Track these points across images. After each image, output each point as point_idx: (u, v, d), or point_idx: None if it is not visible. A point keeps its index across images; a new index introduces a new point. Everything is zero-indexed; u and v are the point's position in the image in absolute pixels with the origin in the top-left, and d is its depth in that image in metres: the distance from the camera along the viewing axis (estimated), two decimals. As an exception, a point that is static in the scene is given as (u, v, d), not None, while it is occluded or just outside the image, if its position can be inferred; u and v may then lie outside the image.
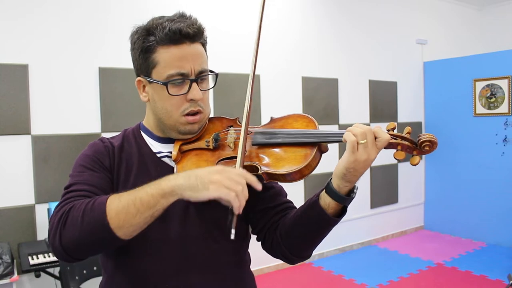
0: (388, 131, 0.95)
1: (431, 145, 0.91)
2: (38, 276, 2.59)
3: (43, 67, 3.03)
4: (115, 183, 1.06)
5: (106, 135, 1.65)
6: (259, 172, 0.99)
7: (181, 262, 1.03)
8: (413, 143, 0.94)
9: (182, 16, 1.04)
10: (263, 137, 1.04)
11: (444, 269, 4.23)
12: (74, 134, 3.16)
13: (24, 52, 2.97)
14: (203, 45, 1.07)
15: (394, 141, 0.93)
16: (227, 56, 3.81)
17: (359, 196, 0.98)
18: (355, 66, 4.89)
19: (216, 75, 1.10)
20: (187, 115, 1.04)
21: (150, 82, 1.05)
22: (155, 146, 1.12)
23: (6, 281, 2.48)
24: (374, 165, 0.93)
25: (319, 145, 0.99)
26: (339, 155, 4.47)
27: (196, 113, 1.05)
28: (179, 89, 1.03)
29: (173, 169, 1.06)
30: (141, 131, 1.15)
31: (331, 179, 0.97)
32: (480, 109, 5.03)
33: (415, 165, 0.92)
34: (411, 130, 0.94)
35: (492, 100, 4.92)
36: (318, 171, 1.09)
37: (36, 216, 3.00)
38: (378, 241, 5.20)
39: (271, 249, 1.11)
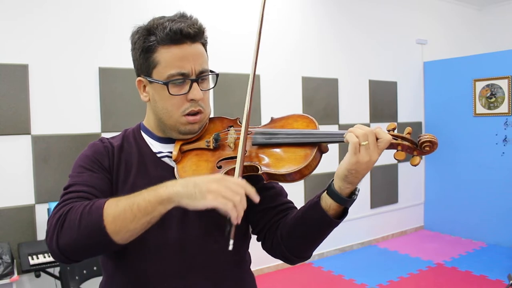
0: (389, 131, 0.95)
1: (432, 145, 0.91)
2: (38, 276, 2.59)
3: (43, 67, 3.03)
4: (114, 183, 1.06)
5: (106, 135, 1.65)
6: (259, 172, 0.99)
7: (181, 262, 1.03)
8: (413, 143, 0.94)
9: (182, 16, 1.04)
10: (263, 137, 1.04)
11: (444, 269, 4.22)
12: (74, 134, 3.16)
13: (24, 52, 2.96)
14: (204, 45, 1.07)
15: (394, 141, 0.93)
16: (227, 56, 3.81)
17: (359, 196, 0.98)
18: (355, 66, 4.89)
19: (217, 75, 1.10)
20: (188, 115, 1.05)
21: (150, 82, 1.05)
22: (155, 146, 1.12)
23: (6, 281, 2.48)
24: (374, 165, 0.93)
25: (319, 146, 0.99)
26: (339, 155, 4.47)
27: (197, 113, 1.05)
28: (179, 89, 1.03)
29: (173, 169, 1.06)
30: (141, 131, 1.15)
31: (333, 180, 0.96)
32: (480, 109, 5.03)
33: (415, 165, 0.92)
34: (411, 131, 0.94)
35: (492, 100, 4.92)
36: (318, 171, 1.09)
37: (36, 216, 3.00)
38: (378, 241, 5.19)
39: (271, 249, 1.11)
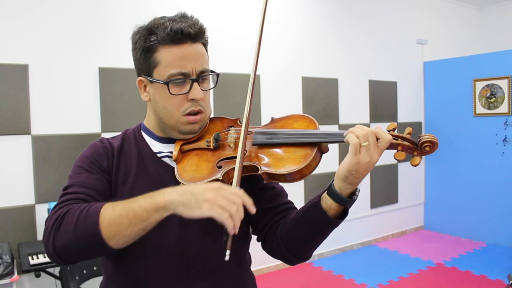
0: (389, 131, 0.95)
1: (432, 145, 0.91)
2: (38, 276, 2.59)
3: (43, 67, 3.03)
4: (113, 184, 1.06)
5: (106, 135, 1.65)
6: (259, 172, 0.99)
7: (180, 263, 1.03)
8: (413, 143, 0.94)
9: (183, 17, 1.05)
10: (263, 137, 1.04)
11: (444, 269, 4.22)
12: (74, 134, 3.16)
13: (24, 52, 2.96)
14: (204, 45, 1.08)
15: (394, 141, 0.93)
16: (227, 56, 3.81)
17: (359, 196, 0.98)
18: (355, 66, 4.89)
19: (217, 75, 1.10)
20: (188, 114, 1.05)
21: (151, 82, 1.05)
22: (155, 146, 1.12)
23: (6, 281, 2.48)
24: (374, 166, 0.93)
25: (319, 146, 0.99)
26: (339, 155, 4.47)
27: (197, 112, 1.05)
28: (180, 88, 1.03)
29: (173, 169, 1.06)
30: (142, 131, 1.15)
31: (333, 180, 0.96)
32: (480, 109, 5.03)
33: (415, 165, 0.92)
34: (411, 131, 0.94)
35: (492, 100, 4.92)
36: (318, 171, 1.09)
37: (36, 216, 3.00)
38: (378, 241, 5.19)
39: (271, 250, 1.11)
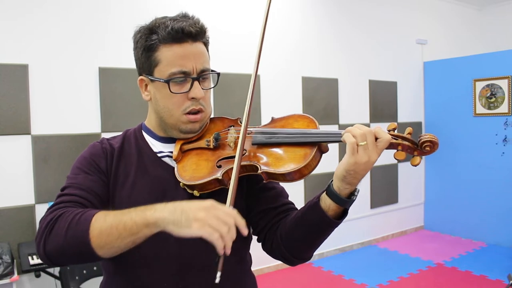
0: (389, 131, 0.94)
1: (432, 145, 0.91)
2: (38, 276, 2.59)
3: (43, 67, 3.03)
4: (112, 185, 1.06)
5: (106, 135, 1.65)
6: (259, 171, 0.99)
7: (180, 263, 1.03)
8: (414, 143, 0.93)
9: (185, 16, 1.05)
10: (263, 136, 1.04)
11: (444, 269, 4.22)
12: (74, 134, 3.16)
13: (24, 52, 2.96)
14: (205, 44, 1.08)
15: (394, 141, 0.92)
16: (227, 56, 3.81)
17: (359, 196, 0.97)
18: (355, 66, 4.89)
19: (218, 74, 1.10)
20: (189, 113, 1.05)
21: (152, 81, 1.06)
22: (156, 146, 1.12)
23: (6, 281, 2.48)
24: (374, 165, 0.92)
25: (319, 145, 0.99)
26: (339, 155, 4.47)
27: (198, 111, 1.06)
28: (180, 87, 1.03)
29: (173, 169, 1.07)
30: (143, 131, 1.15)
31: (332, 181, 0.96)
32: (480, 109, 5.03)
33: (415, 165, 0.91)
34: (412, 131, 0.94)
35: (492, 100, 4.91)
36: (318, 171, 1.09)
37: (36, 216, 3.00)
38: (378, 241, 5.19)
39: (271, 250, 1.11)
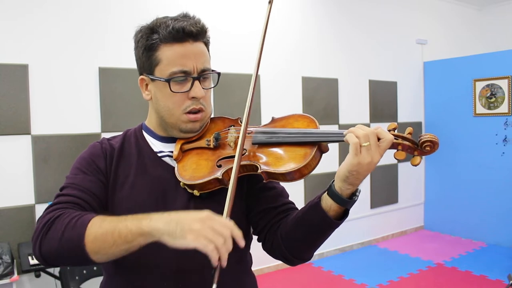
0: (389, 131, 0.94)
1: (432, 145, 0.91)
2: (38, 276, 2.59)
3: (43, 67, 3.03)
4: (112, 185, 1.06)
5: (106, 135, 1.65)
6: (258, 171, 0.99)
7: (180, 262, 1.03)
8: (414, 143, 0.93)
9: (185, 16, 1.05)
10: (263, 136, 1.04)
11: (444, 269, 4.22)
12: (74, 134, 3.16)
13: (24, 52, 2.96)
14: (206, 44, 1.08)
15: (395, 141, 0.93)
16: (227, 56, 3.81)
17: (359, 196, 0.97)
18: (355, 66, 4.89)
19: (218, 74, 1.10)
20: (189, 113, 1.05)
21: (152, 80, 1.06)
22: (156, 145, 1.12)
23: (6, 281, 2.47)
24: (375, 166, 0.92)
25: (319, 145, 0.99)
26: (340, 155, 4.47)
27: (198, 111, 1.06)
28: (181, 86, 1.03)
29: (173, 168, 1.07)
30: (143, 131, 1.15)
31: (333, 181, 0.96)
32: (480, 109, 5.03)
33: (415, 165, 0.91)
34: (412, 131, 0.94)
35: (492, 100, 4.92)
36: (318, 171, 1.09)
37: (36, 216, 3.00)
38: (378, 241, 5.19)
39: (271, 250, 1.11)
